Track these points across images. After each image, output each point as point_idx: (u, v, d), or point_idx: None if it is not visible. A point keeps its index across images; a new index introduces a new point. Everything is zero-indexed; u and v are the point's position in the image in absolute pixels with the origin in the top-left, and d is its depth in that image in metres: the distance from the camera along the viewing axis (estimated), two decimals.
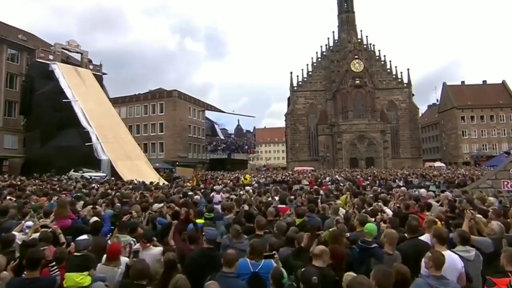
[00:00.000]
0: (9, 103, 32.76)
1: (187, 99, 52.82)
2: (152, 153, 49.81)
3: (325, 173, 30.79)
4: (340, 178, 21.73)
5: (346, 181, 20.54)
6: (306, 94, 60.83)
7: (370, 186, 19.06)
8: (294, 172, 35.35)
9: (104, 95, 34.31)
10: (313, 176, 25.33)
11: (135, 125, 51.27)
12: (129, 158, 28.69)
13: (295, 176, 24.67)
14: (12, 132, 32.56)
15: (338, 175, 23.98)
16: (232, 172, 39.43)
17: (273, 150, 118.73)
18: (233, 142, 54.83)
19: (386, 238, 4.00)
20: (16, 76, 33.03)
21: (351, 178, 21.31)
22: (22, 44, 33.50)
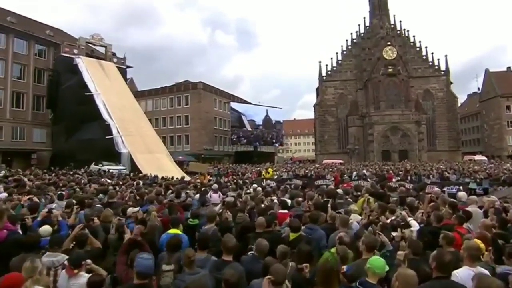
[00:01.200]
0: (37, 97, 33.48)
1: (212, 91, 52.14)
2: (177, 146, 49.83)
3: (353, 167, 28.94)
4: (367, 173, 19.88)
5: (373, 177, 18.77)
6: (335, 84, 58.30)
7: (400, 182, 17.32)
8: (320, 166, 33.67)
9: (127, 88, 34.20)
10: (338, 170, 23.59)
11: (161, 118, 51.39)
12: (149, 152, 28.34)
13: (319, 171, 23.05)
14: (40, 126, 33.31)
15: (367, 169, 22.12)
16: (256, 165, 38.44)
17: (303, 142, 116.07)
18: (261, 134, 53.72)
19: (399, 282, 2.59)
20: (43, 71, 33.66)
21: (380, 173, 19.41)
22: (49, 39, 33.96)
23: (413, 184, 16.53)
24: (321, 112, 58.04)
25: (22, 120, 31.84)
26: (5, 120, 30.43)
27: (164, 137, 50.41)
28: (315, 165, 35.65)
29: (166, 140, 50.32)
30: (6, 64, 30.67)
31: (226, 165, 39.46)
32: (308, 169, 24.83)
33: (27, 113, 32.33)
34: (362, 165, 31.00)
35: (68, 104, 30.52)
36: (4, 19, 30.27)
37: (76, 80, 30.82)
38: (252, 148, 51.87)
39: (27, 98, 32.42)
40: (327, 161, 47.34)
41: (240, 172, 28.12)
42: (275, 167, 32.39)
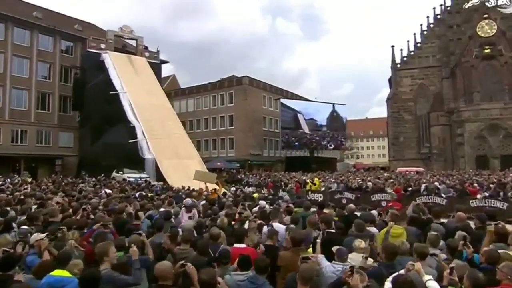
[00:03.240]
0: (64, 98, 35.56)
1: (260, 86, 51.27)
2: (221, 150, 49.83)
3: (429, 178, 25.72)
4: (441, 186, 16.99)
5: (450, 191, 15.99)
6: (413, 72, 54.26)
7: (488, 199, 14.45)
8: (386, 176, 30.75)
9: (158, 85, 34.73)
10: (402, 182, 20.79)
11: (203, 118, 51.88)
12: (177, 157, 28.17)
13: (376, 182, 20.52)
14: (67, 129, 35.28)
15: (443, 180, 19.07)
16: (307, 174, 36.60)
17: (377, 145, 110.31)
18: (321, 136, 51.70)
19: None
20: (70, 69, 35.63)
21: (461, 185, 16.46)
22: (76, 34, 35.86)
23: (509, 203, 13.59)
24: (395, 108, 54.43)
25: (48, 123, 33.97)
26: (30, 123, 32.69)
27: (207, 140, 51.21)
28: (383, 174, 32.65)
29: (208, 144, 51.01)
30: (31, 63, 32.99)
31: (268, 173, 38.29)
32: (364, 180, 22.29)
33: (53, 115, 34.40)
34: (444, 175, 27.45)
35: (94, 104, 31.80)
36: (29, 15, 32.57)
37: (103, 78, 31.98)
38: (308, 153, 49.89)
39: (53, 99, 34.52)
40: (402, 169, 44.01)
41: (282, 183, 26.80)
42: (327, 176, 30.22)
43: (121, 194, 13.08)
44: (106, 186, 17.15)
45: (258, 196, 13.00)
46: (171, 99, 54.82)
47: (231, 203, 9.11)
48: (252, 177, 34.22)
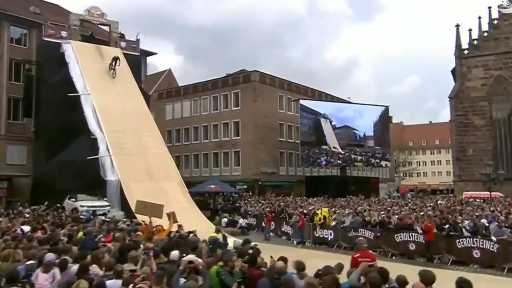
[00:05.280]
0: (14, 101, 35.92)
1: (275, 83, 50.75)
2: (224, 167, 49.60)
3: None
4: (492, 224, 15.52)
5: (506, 231, 14.64)
6: (487, 60, 52.29)
7: None
8: (448, 202, 29.26)
9: (135, 85, 34.64)
10: (439, 215, 19.34)
11: (202, 126, 51.94)
12: (152, 179, 27.99)
13: (405, 215, 19.19)
14: (18, 141, 35.50)
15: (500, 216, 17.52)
16: (337, 199, 35.81)
17: (446, 159, 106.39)
18: (365, 150, 51.22)
19: None
20: (23, 64, 36.14)
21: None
22: (31, 18, 36.26)
23: None
24: (460, 110, 52.47)
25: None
26: None
27: (206, 154, 51.21)
28: (432, 201, 31.01)
29: (208, 160, 50.92)
30: None
31: (283, 198, 37.56)
32: (392, 211, 21.02)
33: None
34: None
35: (51, 109, 32.02)
36: None
37: (63, 75, 32.16)
38: (338, 172, 48.83)
39: (0, 102, 34.86)
40: (469, 193, 42.06)
41: (287, 214, 26.02)
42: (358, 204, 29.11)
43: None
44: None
45: (209, 239, 12.03)
46: (161, 101, 55.66)
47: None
48: (254, 204, 33.48)
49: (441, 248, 16.26)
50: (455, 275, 13.19)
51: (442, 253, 16.26)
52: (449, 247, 16.04)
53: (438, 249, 16.32)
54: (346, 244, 20.21)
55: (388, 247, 18.26)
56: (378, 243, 18.62)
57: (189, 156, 52.78)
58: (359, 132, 51.81)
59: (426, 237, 15.99)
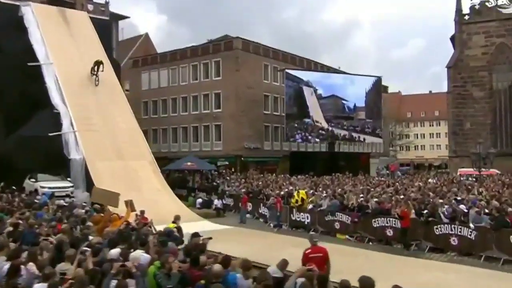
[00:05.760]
0: None
1: (260, 51, 50.38)
2: (204, 142, 49.64)
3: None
4: (472, 210, 15.79)
5: (483, 219, 14.95)
6: (488, 26, 52.72)
7: None
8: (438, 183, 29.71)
9: (103, 53, 34.07)
10: (425, 197, 19.71)
11: (180, 98, 51.67)
12: (120, 157, 28.00)
13: (384, 199, 19.45)
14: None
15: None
16: (314, 177, 36.37)
17: (445, 132, 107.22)
18: (353, 124, 51.43)
19: None
20: None
21: (498, 211, 15.23)
22: None
23: None
24: (459, 80, 53.06)
25: None
26: None
27: (185, 128, 51.07)
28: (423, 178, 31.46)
29: (187, 134, 50.82)
30: None
31: (264, 176, 37.82)
32: (372, 194, 21.33)
33: None
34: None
35: (8, 80, 31.34)
36: None
37: (22, 43, 31.56)
38: (326, 147, 49.02)
39: None
40: (464, 170, 42.63)
41: (264, 195, 26.31)
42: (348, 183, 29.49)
43: None
44: None
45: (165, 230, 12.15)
46: (137, 69, 55.13)
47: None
48: (233, 183, 33.72)
49: (419, 235, 16.59)
50: (427, 264, 13.67)
51: (420, 239, 16.60)
52: (427, 234, 16.37)
53: (416, 236, 16.65)
54: (323, 229, 20.57)
55: (365, 233, 18.60)
56: (355, 228, 18.96)
57: (167, 130, 52.67)
58: (349, 102, 51.40)
59: (402, 223, 16.27)
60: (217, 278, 6.95)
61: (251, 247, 16.78)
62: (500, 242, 14.36)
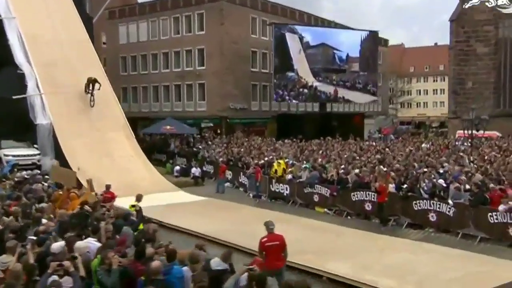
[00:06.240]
0: None
1: (247, 3, 49.61)
2: (187, 102, 49.51)
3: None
4: (453, 185, 16.21)
5: (463, 196, 15.39)
6: None
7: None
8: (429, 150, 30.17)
9: (72, 6, 33.58)
10: (409, 170, 20.15)
11: (161, 53, 51.16)
12: (91, 122, 28.19)
13: (365, 171, 19.82)
14: None
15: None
16: (302, 142, 36.83)
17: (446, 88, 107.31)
18: (344, 78, 50.86)
19: None
20: None
21: (478, 187, 15.65)
22: None
23: None
24: (461, 35, 52.87)
25: None
26: None
27: (167, 87, 50.82)
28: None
29: (169, 93, 50.69)
30: None
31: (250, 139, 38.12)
32: (353, 165, 21.72)
33: None
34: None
35: None
36: None
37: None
38: (318, 108, 49.10)
39: None
40: (463, 132, 43.08)
41: (243, 164, 26.66)
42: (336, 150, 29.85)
43: None
44: None
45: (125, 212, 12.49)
46: (114, 21, 54.42)
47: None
48: (216, 148, 34.06)
49: (398, 210, 17.08)
50: (399, 243, 14.20)
51: (398, 215, 17.10)
52: (406, 209, 16.87)
53: (394, 211, 17.13)
54: (302, 201, 21.14)
55: (343, 206, 19.11)
56: (334, 202, 19.47)
57: (147, 88, 52.35)
58: (341, 52, 50.42)
59: (379, 198, 16.73)
60: (155, 275, 7.12)
61: (222, 222, 17.32)
62: (477, 220, 14.86)
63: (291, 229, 15.68)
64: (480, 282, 10.62)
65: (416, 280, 10.83)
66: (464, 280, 10.83)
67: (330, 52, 50.06)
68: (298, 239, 14.41)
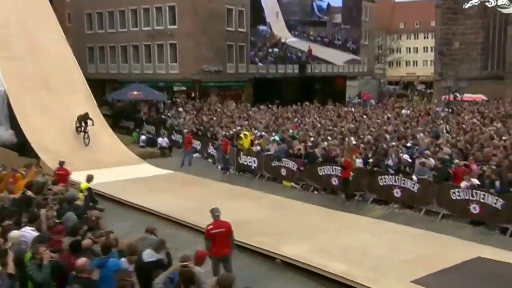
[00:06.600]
0: None
1: None
2: (158, 64, 49.20)
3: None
4: (420, 160, 16.75)
5: (427, 171, 15.96)
6: None
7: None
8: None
9: None
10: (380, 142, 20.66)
11: (129, 10, 50.44)
12: (48, 88, 27.80)
13: (333, 144, 20.27)
14: None
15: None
16: (278, 108, 37.07)
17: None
18: (322, 34, 50.42)
19: None
20: None
21: (441, 162, 16.28)
22: None
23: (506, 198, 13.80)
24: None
25: None
26: None
27: (136, 47, 50.40)
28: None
29: (139, 53, 50.22)
30: None
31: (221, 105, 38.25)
32: (322, 137, 22.18)
33: None
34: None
35: None
36: None
37: None
38: (297, 70, 49.06)
39: None
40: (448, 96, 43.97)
41: (212, 134, 26.86)
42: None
43: None
44: None
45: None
46: None
47: None
48: (186, 115, 34.16)
49: (364, 185, 17.64)
50: (359, 222, 14.76)
51: (365, 190, 17.67)
52: (371, 185, 17.43)
53: (360, 186, 17.69)
54: (270, 174, 21.63)
55: (311, 181, 19.63)
56: (301, 176, 19.97)
57: (115, 48, 51.73)
58: (321, 2, 49.89)
59: (344, 173, 17.23)
60: (81, 273, 7.30)
61: (185, 199, 17.65)
62: (440, 196, 15.45)
63: (254, 208, 16.37)
64: (431, 263, 11.06)
65: (368, 264, 11.30)
66: (416, 262, 11.31)
67: (308, 3, 49.51)
68: (259, 219, 15.08)
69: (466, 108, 34.81)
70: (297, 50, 48.90)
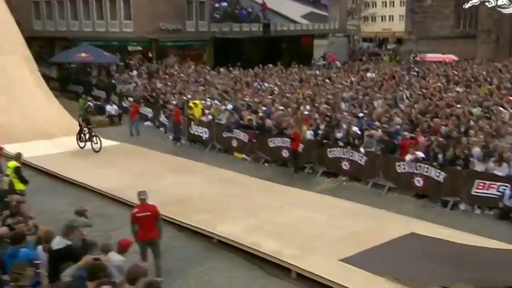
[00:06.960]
0: None
1: None
2: (111, 21, 48.28)
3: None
4: (368, 133, 17.45)
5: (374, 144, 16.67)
6: None
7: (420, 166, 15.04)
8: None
9: None
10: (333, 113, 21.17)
11: None
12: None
13: (283, 115, 20.76)
14: None
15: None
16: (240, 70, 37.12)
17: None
18: None
19: None
20: None
21: (388, 135, 16.99)
22: None
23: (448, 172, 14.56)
24: None
25: None
26: None
27: (86, 2, 49.07)
28: None
29: (90, 9, 49.06)
30: None
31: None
32: (276, 107, 22.66)
33: None
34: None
35: None
36: None
37: None
38: (261, 29, 48.96)
39: None
40: (419, 56, 44.53)
41: (164, 102, 26.87)
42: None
43: None
44: None
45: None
46: None
47: None
48: (139, 78, 33.98)
49: (313, 157, 18.31)
50: (302, 197, 15.41)
51: (314, 162, 18.36)
52: (321, 157, 18.13)
53: (310, 158, 18.37)
54: (221, 146, 22.16)
55: (261, 152, 20.23)
56: (252, 148, 20.53)
57: (63, 4, 50.11)
58: None
59: (293, 145, 17.85)
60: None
61: (129, 174, 18.03)
62: (386, 169, 16.25)
63: (200, 182, 16.86)
64: (365, 241, 11.72)
65: (301, 242, 11.97)
66: (348, 239, 11.98)
67: None
68: (202, 195, 15.57)
69: (432, 70, 35.22)
70: (252, 3, 48.16)
